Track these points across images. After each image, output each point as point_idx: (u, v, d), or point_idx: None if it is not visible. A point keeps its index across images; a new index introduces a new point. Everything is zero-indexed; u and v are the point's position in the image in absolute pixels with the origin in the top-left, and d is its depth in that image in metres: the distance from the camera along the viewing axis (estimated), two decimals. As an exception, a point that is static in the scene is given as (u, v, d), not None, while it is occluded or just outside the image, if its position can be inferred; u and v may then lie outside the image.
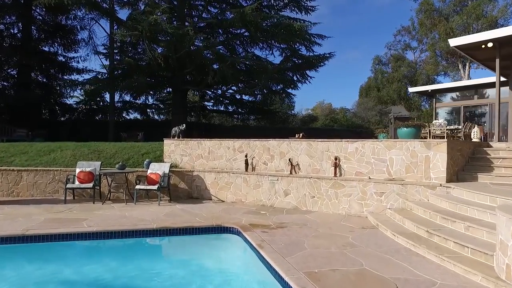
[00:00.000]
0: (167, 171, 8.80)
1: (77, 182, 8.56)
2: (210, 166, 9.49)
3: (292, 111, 41.02)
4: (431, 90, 19.08)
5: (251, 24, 18.27)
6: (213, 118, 32.34)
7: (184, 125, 10.09)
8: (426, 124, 10.99)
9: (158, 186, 8.25)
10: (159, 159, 10.12)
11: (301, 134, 14.43)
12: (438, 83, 47.27)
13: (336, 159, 7.69)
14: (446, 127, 12.39)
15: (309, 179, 7.83)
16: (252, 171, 8.87)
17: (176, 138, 10.15)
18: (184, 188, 9.35)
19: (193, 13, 22.36)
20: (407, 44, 47.65)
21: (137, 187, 8.35)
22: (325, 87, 72.39)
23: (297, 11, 21.55)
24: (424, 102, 50.54)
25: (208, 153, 9.56)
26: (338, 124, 37.66)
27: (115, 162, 9.95)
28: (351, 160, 7.64)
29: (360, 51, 73.48)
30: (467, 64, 38.44)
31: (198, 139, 9.86)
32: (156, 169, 8.82)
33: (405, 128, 10.42)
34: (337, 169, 7.69)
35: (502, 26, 35.61)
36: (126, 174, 8.89)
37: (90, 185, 8.42)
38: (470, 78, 39.10)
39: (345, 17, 70.68)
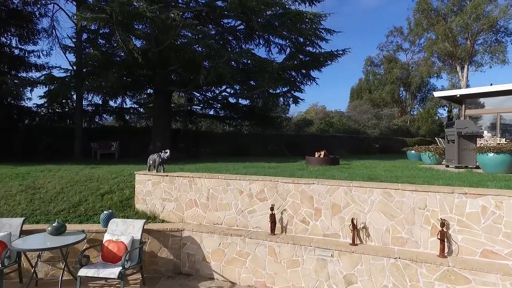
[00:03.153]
0: (138, 235, 5.14)
1: (-26, 261, 4.83)
2: (211, 220, 5.91)
3: (287, 115, 37.78)
4: (460, 95, 16.47)
5: (252, 13, 14.78)
6: (200, 123, 28.63)
7: (168, 151, 6.47)
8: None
9: (120, 270, 4.59)
10: (128, 204, 6.47)
11: (322, 153, 11.11)
12: (432, 85, 45.71)
13: (443, 224, 4.32)
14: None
15: (394, 260, 4.40)
16: (282, 233, 5.35)
17: (155, 172, 6.51)
18: (167, 258, 5.70)
19: (179, 2, 18.65)
20: (399, 45, 46.63)
21: (82, 272, 4.63)
22: (314, 89, 69.73)
23: (300, 1, 18.24)
24: (417, 105, 48.74)
25: (206, 199, 5.96)
26: (333, 129, 34.97)
27: (57, 209, 6.25)
28: (472, 228, 4.28)
29: (348, 53, 71.33)
30: (466, 66, 36.89)
31: (190, 174, 6.23)
32: (120, 233, 5.16)
33: (492, 154, 7.26)
34: (445, 243, 4.32)
35: (503, 27, 34.19)
36: (64, 250, 4.86)
37: (-5, 269, 4.68)
38: (469, 81, 37.41)
39: (332, 19, 68.26)
